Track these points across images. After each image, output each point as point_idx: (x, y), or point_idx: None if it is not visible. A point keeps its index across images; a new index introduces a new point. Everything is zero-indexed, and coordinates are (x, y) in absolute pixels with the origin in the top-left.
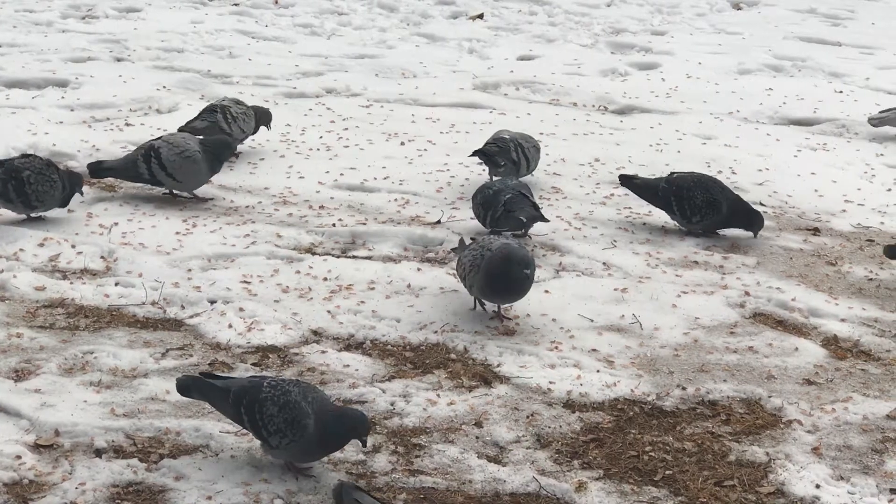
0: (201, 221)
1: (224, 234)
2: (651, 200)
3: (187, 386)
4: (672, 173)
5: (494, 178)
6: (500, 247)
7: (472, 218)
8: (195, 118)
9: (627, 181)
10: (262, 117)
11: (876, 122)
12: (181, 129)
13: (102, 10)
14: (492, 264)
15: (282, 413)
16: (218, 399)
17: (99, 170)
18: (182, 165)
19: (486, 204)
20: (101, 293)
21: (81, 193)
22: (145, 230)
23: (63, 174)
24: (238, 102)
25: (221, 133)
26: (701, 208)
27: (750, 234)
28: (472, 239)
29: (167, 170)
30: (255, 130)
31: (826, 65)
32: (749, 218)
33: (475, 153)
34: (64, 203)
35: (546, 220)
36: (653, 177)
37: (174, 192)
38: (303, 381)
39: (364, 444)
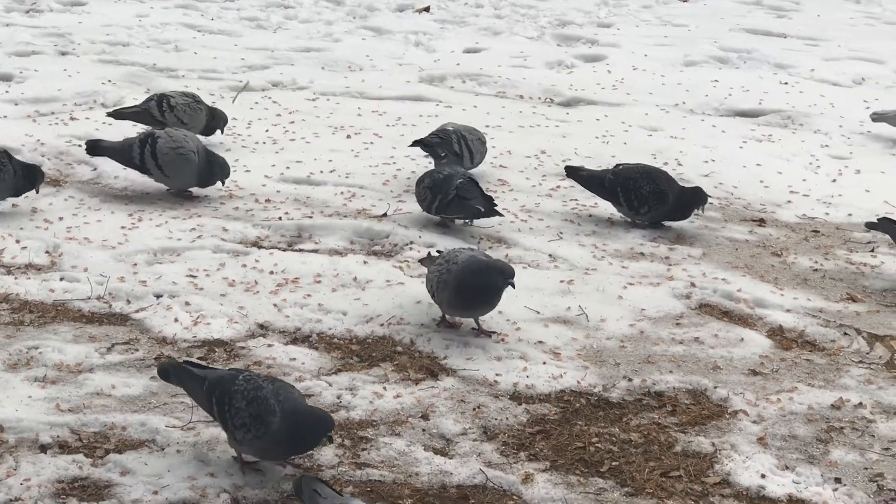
0: (147, 216)
1: (170, 228)
2: (597, 192)
3: (168, 371)
4: (618, 165)
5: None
6: (466, 260)
7: (422, 212)
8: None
9: (573, 173)
10: (218, 119)
11: (877, 117)
12: (109, 114)
13: (47, 4)
14: (463, 277)
15: (249, 407)
16: (194, 388)
17: (96, 148)
18: (174, 161)
19: (435, 188)
20: (45, 288)
21: (37, 191)
22: (91, 224)
23: (16, 163)
24: (187, 95)
25: (153, 120)
26: (648, 199)
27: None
28: (437, 252)
29: (158, 160)
30: (210, 131)
31: (771, 56)
32: (695, 199)
33: (416, 143)
34: (16, 193)
35: (501, 215)
36: (599, 168)
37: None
38: (279, 380)
39: (330, 440)
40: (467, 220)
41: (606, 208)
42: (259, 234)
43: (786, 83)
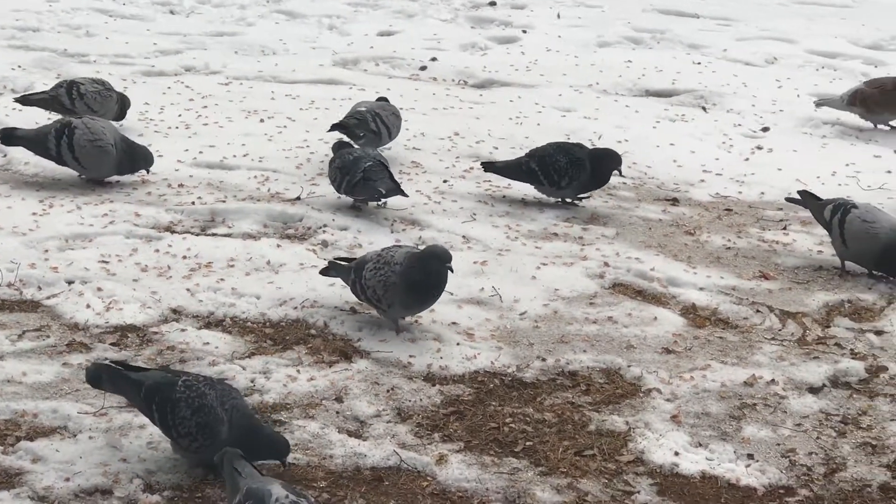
0: (58, 202)
1: (82, 213)
2: (517, 177)
3: (98, 376)
4: (530, 151)
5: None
6: (404, 257)
7: (335, 195)
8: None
9: (490, 167)
10: (126, 105)
11: (821, 102)
12: (17, 99)
13: None
14: (410, 274)
15: (195, 416)
16: (128, 392)
17: (10, 137)
18: (91, 152)
19: (345, 168)
20: None
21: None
22: (0, 211)
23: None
24: (97, 82)
25: (61, 108)
26: (567, 170)
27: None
28: (343, 259)
29: (75, 153)
30: (122, 117)
31: (684, 37)
32: (609, 162)
33: (333, 127)
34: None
35: (405, 195)
36: (513, 157)
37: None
38: (219, 383)
39: (284, 466)
40: (380, 203)
41: (520, 189)
42: (172, 219)
43: (699, 63)
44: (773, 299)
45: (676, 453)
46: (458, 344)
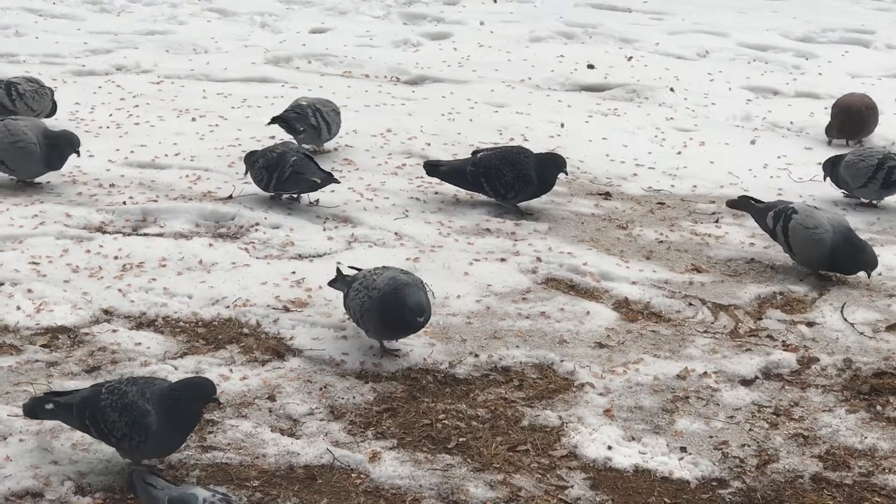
0: None
1: (11, 214)
2: (461, 185)
3: (33, 408)
4: (476, 152)
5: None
6: (385, 285)
7: (272, 196)
8: None
9: (433, 170)
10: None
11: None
12: None
13: None
14: (384, 307)
15: (122, 417)
16: (66, 416)
17: None
18: (15, 155)
19: (271, 167)
20: None
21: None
22: None
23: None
24: (31, 80)
25: (2, 108)
26: (513, 185)
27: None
28: (351, 268)
29: (3, 156)
30: (53, 112)
31: (617, 31)
32: (555, 167)
33: (273, 120)
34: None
35: (338, 182)
36: (456, 158)
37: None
38: (140, 378)
39: (218, 403)
40: (312, 201)
41: (452, 185)
42: (103, 220)
43: (631, 57)
44: (706, 292)
45: (609, 447)
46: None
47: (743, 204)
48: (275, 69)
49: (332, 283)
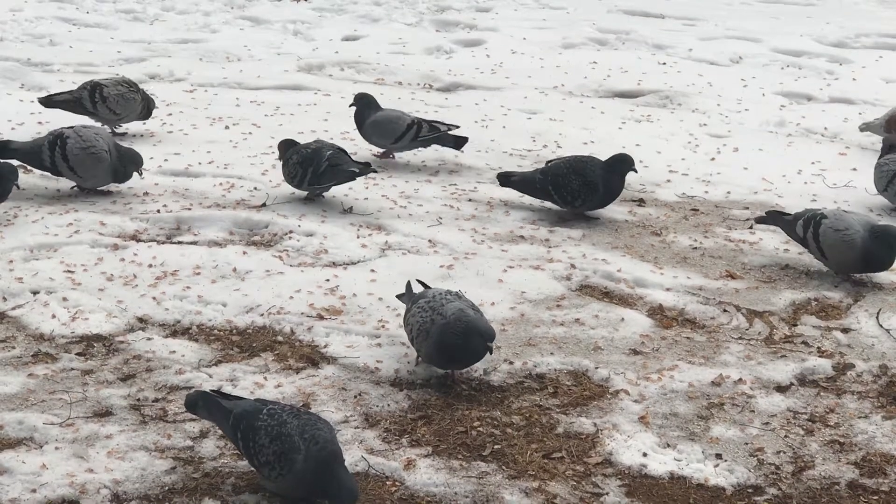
0: (23, 212)
1: (46, 223)
2: (532, 193)
3: (195, 402)
4: (548, 162)
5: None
6: (455, 313)
7: (302, 201)
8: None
9: (506, 180)
10: (152, 105)
11: (864, 127)
12: (41, 100)
13: None
14: (444, 336)
15: (272, 444)
16: (221, 419)
17: (4, 150)
18: (85, 161)
19: (306, 162)
20: None
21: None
22: None
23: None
24: (122, 83)
25: (83, 110)
26: (580, 192)
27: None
28: (421, 283)
29: (69, 162)
30: (147, 117)
31: (649, 37)
32: (623, 167)
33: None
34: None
35: (375, 171)
36: (527, 170)
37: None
38: (306, 413)
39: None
40: (346, 208)
41: (486, 192)
42: (137, 228)
43: (664, 63)
44: (740, 299)
45: (645, 454)
46: None
47: (771, 219)
48: (308, 77)
49: (400, 296)
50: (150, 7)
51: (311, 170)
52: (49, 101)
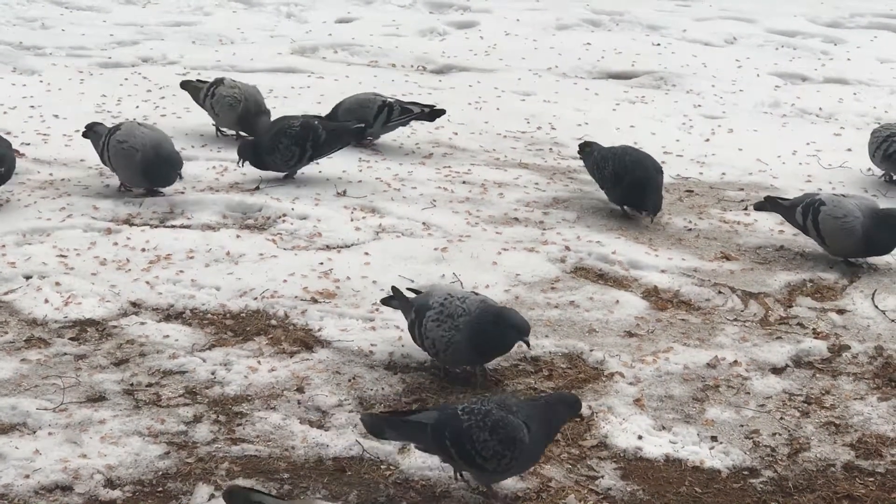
0: (15, 196)
1: (39, 208)
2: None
3: (380, 427)
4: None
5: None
6: (477, 312)
7: (296, 186)
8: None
9: (584, 150)
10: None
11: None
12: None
13: None
14: (480, 336)
15: (494, 435)
16: (415, 434)
17: (88, 131)
18: (117, 155)
19: (301, 138)
20: None
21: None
22: None
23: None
24: (235, 88)
25: (198, 101)
26: (608, 179)
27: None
28: (410, 290)
29: (109, 153)
30: (247, 127)
31: (643, 18)
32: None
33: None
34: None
35: (371, 129)
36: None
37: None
38: (489, 396)
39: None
40: (340, 191)
41: (480, 174)
42: (130, 212)
43: (658, 44)
44: (735, 280)
45: (640, 437)
46: None
47: (770, 205)
48: (301, 59)
49: (386, 302)
50: None
51: (310, 143)
52: (184, 84)
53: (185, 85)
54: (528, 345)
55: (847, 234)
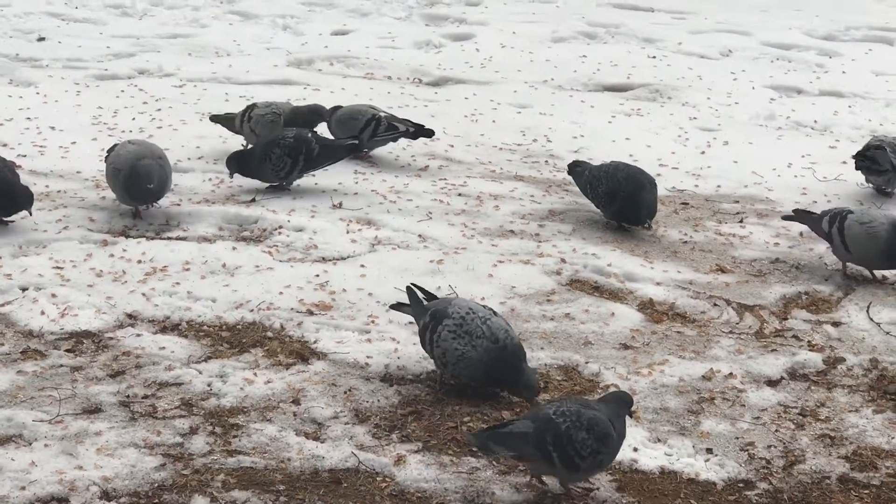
0: None
1: (35, 219)
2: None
3: (486, 444)
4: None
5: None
6: (504, 336)
7: (292, 198)
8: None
9: (573, 170)
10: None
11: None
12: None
13: None
14: (502, 361)
15: (591, 433)
16: (517, 444)
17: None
18: (107, 176)
19: (293, 150)
20: None
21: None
22: None
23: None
24: (272, 105)
25: (235, 129)
26: (602, 198)
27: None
28: (418, 289)
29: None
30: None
31: (639, 30)
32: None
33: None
34: None
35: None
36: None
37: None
38: (570, 398)
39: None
40: (336, 204)
41: (476, 187)
42: (126, 224)
43: (653, 57)
44: (731, 292)
45: (635, 449)
46: (414, 344)
47: (799, 217)
48: (297, 71)
49: (400, 307)
50: (139, 2)
51: (303, 156)
52: (214, 118)
53: (215, 119)
54: (531, 403)
55: (871, 238)
